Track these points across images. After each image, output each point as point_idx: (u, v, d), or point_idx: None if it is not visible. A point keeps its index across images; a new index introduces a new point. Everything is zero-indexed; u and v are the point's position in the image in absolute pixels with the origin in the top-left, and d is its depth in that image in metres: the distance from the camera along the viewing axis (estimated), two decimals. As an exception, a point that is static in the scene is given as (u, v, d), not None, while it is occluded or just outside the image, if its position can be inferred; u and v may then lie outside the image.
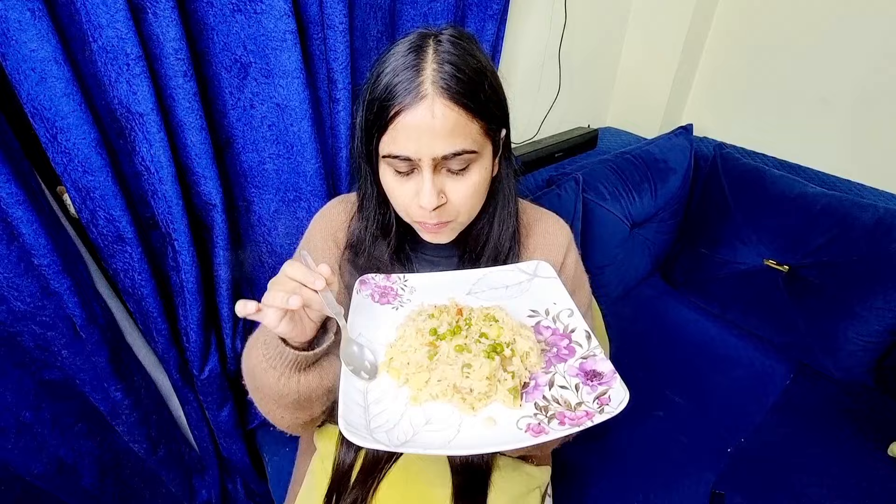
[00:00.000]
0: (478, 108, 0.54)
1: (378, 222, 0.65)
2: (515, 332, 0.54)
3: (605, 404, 0.47)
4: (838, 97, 1.31)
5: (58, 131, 0.63)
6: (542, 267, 0.65)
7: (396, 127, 0.52)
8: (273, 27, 0.71)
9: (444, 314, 0.56)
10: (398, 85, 0.52)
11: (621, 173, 1.31)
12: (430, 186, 0.54)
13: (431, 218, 0.57)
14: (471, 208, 0.60)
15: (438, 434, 0.46)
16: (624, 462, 0.99)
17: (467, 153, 0.54)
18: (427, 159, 0.53)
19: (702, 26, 1.46)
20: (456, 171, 0.56)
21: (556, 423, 0.46)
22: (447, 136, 0.52)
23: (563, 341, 0.56)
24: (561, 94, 1.44)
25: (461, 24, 1.00)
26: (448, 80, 0.52)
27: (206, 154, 0.74)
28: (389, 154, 0.54)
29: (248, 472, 1.08)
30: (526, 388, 0.51)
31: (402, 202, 0.59)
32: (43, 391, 0.77)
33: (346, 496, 0.64)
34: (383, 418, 0.47)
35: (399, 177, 0.57)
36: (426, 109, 0.51)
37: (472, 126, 0.54)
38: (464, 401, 0.49)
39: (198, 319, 0.84)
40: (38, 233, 0.64)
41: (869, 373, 1.16)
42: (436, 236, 0.62)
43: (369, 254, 0.66)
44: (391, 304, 0.62)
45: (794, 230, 1.23)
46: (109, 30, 0.60)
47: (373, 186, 0.63)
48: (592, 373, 0.51)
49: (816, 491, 0.94)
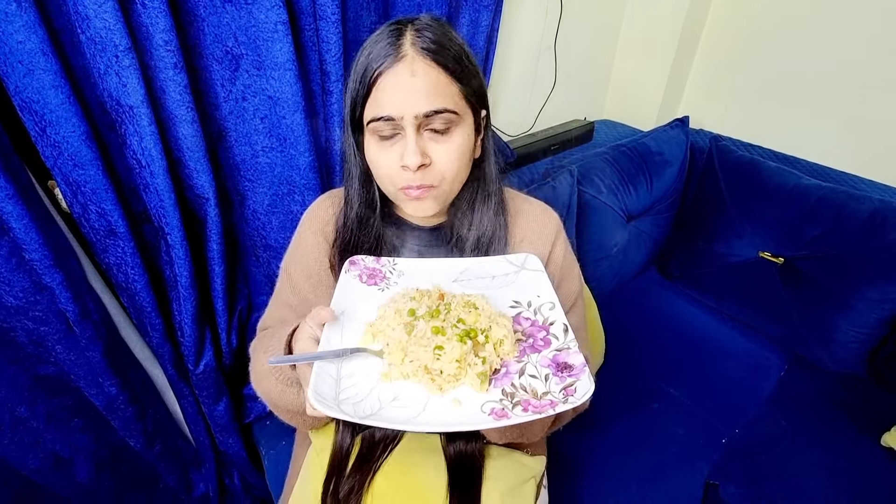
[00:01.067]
0: (456, 71, 0.56)
1: (363, 200, 0.65)
2: (492, 319, 0.55)
3: (570, 395, 0.48)
4: (835, 89, 1.31)
5: (47, 124, 0.63)
6: (530, 260, 0.66)
7: (378, 88, 0.54)
8: (264, 18, 0.70)
9: (425, 298, 0.57)
10: (378, 52, 0.54)
11: (617, 166, 1.31)
12: (413, 145, 0.55)
13: (415, 180, 0.57)
14: (454, 173, 0.60)
15: (404, 410, 0.47)
16: (619, 453, 1.00)
17: (448, 112, 0.55)
18: (409, 117, 0.54)
19: (698, 18, 1.46)
20: (439, 132, 0.56)
21: (520, 409, 0.47)
22: (428, 94, 0.54)
23: (540, 333, 0.57)
24: (557, 87, 1.43)
25: (455, 14, 0.99)
26: (426, 43, 0.54)
27: (199, 147, 0.74)
28: (373, 118, 0.56)
29: (245, 466, 1.08)
30: (496, 375, 0.52)
31: (386, 171, 0.58)
32: (38, 386, 0.77)
33: (342, 485, 0.64)
34: (353, 391, 0.49)
35: (383, 143, 0.57)
36: (406, 68, 0.53)
37: (452, 88, 0.56)
38: (433, 381, 0.50)
39: (192, 314, 0.83)
40: (30, 227, 0.64)
41: (862, 364, 1.17)
42: (420, 204, 0.60)
43: (356, 238, 0.66)
44: (378, 286, 0.63)
45: (790, 222, 1.23)
46: (97, 21, 0.59)
47: (357, 164, 0.63)
48: (564, 364, 0.52)
49: (810, 481, 0.95)
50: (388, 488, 0.64)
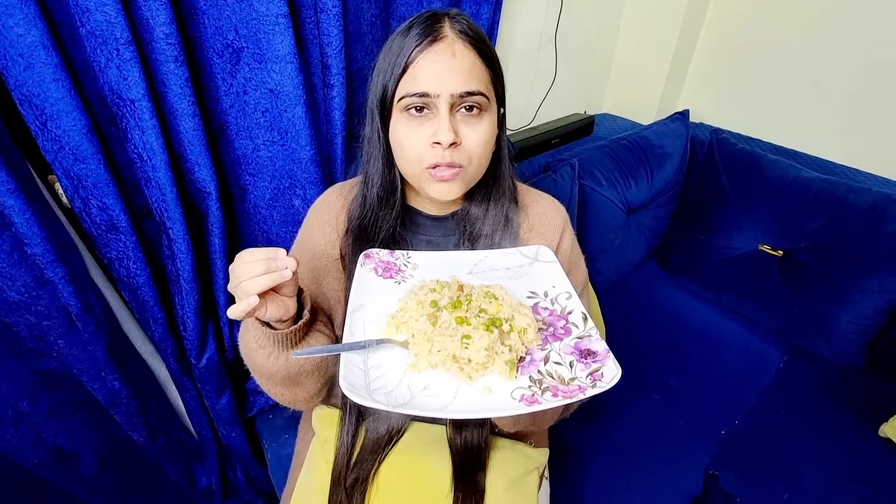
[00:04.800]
0: (490, 58, 0.59)
1: (383, 182, 0.65)
2: (514, 309, 0.55)
3: (597, 380, 0.48)
4: (834, 82, 1.31)
5: (47, 118, 0.62)
6: (542, 251, 0.66)
7: (417, 65, 0.56)
8: (265, 10, 0.70)
9: (445, 289, 0.58)
10: (417, 34, 0.56)
11: (618, 159, 1.31)
12: (446, 122, 0.56)
13: (445, 157, 0.57)
14: (480, 157, 0.61)
15: (436, 399, 0.48)
16: (620, 444, 1.01)
17: (481, 94, 0.57)
18: (446, 94, 0.56)
19: (699, 12, 1.45)
20: (470, 114, 0.58)
21: (550, 395, 0.48)
22: (466, 75, 0.56)
23: (560, 322, 0.57)
24: (557, 80, 1.43)
25: (456, 6, 0.98)
26: (465, 28, 0.58)
27: (200, 141, 0.73)
28: (407, 93, 0.56)
29: (248, 459, 1.08)
30: (522, 363, 0.53)
31: (414, 149, 0.59)
32: (40, 381, 0.77)
33: (348, 476, 0.65)
34: (382, 382, 0.49)
35: (413, 121, 0.58)
36: (447, 47, 0.56)
37: (486, 74, 0.59)
38: (461, 370, 0.50)
39: (194, 308, 0.83)
40: (31, 222, 0.63)
41: (861, 355, 1.18)
42: (447, 186, 0.60)
43: (373, 222, 0.66)
44: (394, 279, 0.63)
45: (790, 214, 1.23)
46: (98, 13, 0.59)
47: (380, 144, 0.63)
48: (587, 351, 0.52)
49: (808, 471, 0.96)
50: (393, 478, 0.65)
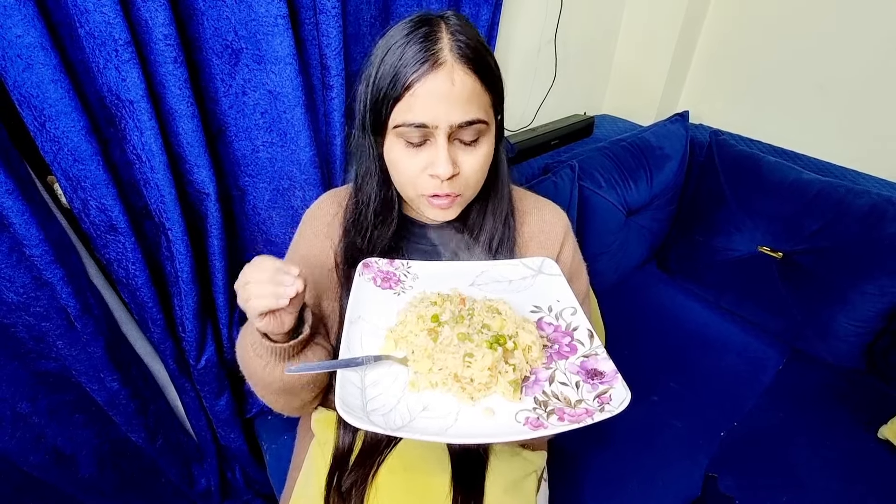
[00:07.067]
0: (490, 80, 0.56)
1: (379, 200, 0.64)
2: (518, 325, 0.53)
3: (605, 403, 0.46)
4: (834, 84, 1.31)
5: (46, 119, 0.62)
6: (547, 264, 0.64)
7: (414, 94, 0.52)
8: (264, 11, 0.70)
9: (447, 302, 0.56)
10: (414, 53, 0.52)
11: (617, 161, 1.31)
12: (445, 154, 0.54)
13: (443, 189, 0.56)
14: (476, 183, 0.60)
15: (436, 421, 0.46)
16: (619, 446, 1.00)
17: (480, 122, 0.55)
18: (444, 126, 0.53)
19: (698, 13, 1.45)
20: (467, 143, 0.56)
21: (556, 418, 0.45)
22: (464, 104, 0.53)
23: (564, 338, 0.55)
24: (557, 81, 1.42)
25: (456, 8, 0.98)
26: (465, 49, 0.53)
27: (199, 142, 0.73)
28: (404, 123, 0.54)
29: (247, 460, 1.08)
30: (526, 382, 0.51)
31: (409, 175, 0.57)
32: (39, 382, 0.77)
33: (345, 479, 0.64)
34: (380, 402, 0.47)
35: (409, 149, 0.56)
36: (446, 76, 0.52)
37: (485, 97, 0.56)
38: (463, 390, 0.48)
39: (193, 309, 0.83)
40: (30, 223, 0.63)
41: (860, 357, 1.18)
42: (445, 212, 0.60)
43: (369, 236, 0.65)
44: (393, 290, 0.61)
45: (789, 216, 1.23)
46: (96, 14, 0.59)
47: (375, 163, 0.61)
48: (594, 371, 0.50)
49: (807, 473, 0.96)
50: (391, 482, 0.65)
